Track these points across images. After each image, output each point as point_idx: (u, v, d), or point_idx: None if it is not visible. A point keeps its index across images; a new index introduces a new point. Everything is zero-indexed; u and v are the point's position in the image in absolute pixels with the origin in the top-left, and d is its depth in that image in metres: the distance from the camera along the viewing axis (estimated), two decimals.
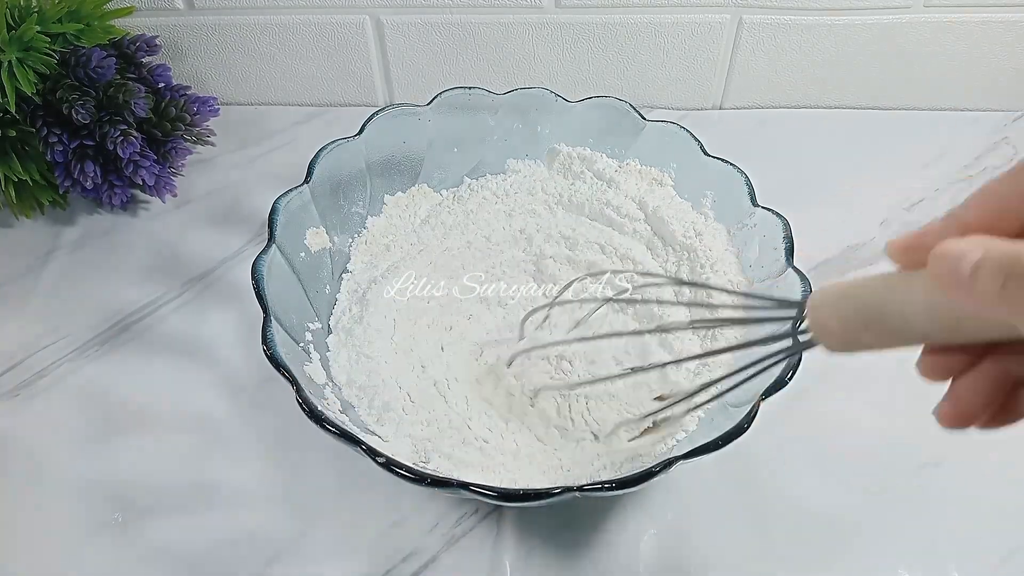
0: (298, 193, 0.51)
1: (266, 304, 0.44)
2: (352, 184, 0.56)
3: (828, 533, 0.46)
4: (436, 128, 0.58)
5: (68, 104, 0.57)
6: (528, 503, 0.40)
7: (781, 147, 0.69)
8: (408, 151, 0.58)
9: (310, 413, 0.40)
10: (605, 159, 0.59)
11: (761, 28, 0.68)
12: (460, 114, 0.58)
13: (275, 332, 0.43)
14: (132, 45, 0.62)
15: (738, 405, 0.42)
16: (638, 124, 0.58)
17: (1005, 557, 0.44)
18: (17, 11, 0.57)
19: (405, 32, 0.69)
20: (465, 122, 0.59)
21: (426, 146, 0.59)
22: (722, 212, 0.55)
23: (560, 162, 0.60)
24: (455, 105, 0.58)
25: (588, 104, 0.58)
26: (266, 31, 0.70)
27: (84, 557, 0.45)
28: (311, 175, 0.52)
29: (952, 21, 0.67)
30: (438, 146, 0.59)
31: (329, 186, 0.54)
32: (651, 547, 0.45)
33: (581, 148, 0.60)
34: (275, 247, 0.47)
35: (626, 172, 0.58)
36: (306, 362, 0.46)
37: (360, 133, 0.55)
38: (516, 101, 0.59)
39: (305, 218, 0.52)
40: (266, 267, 0.46)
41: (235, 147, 0.70)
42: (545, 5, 0.67)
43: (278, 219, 0.48)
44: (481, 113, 0.59)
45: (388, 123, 0.56)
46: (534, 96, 0.59)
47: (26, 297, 0.58)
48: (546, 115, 0.59)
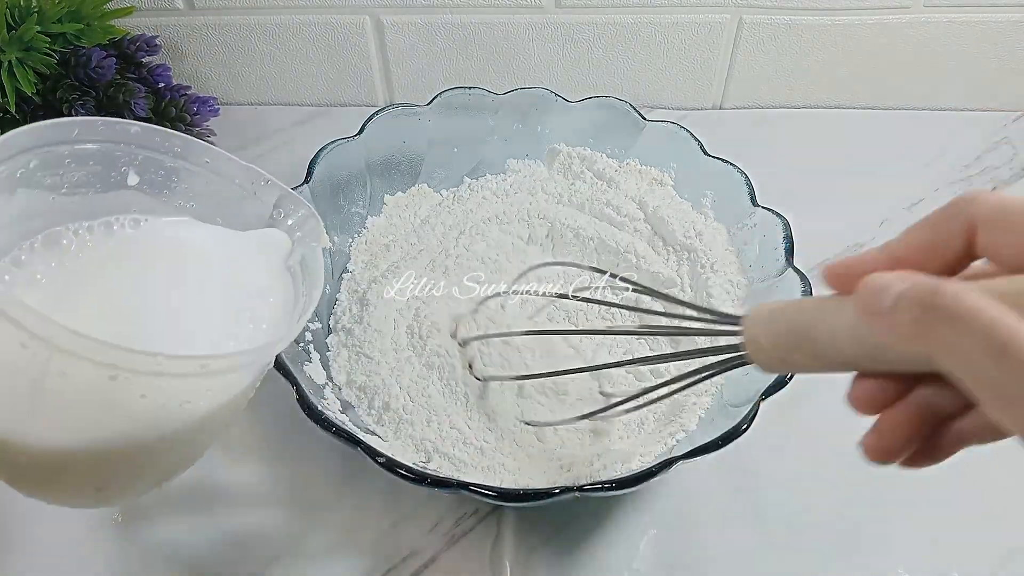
0: (298, 193, 0.50)
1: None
2: (352, 184, 0.56)
3: (828, 533, 0.46)
4: (436, 128, 0.58)
5: (68, 104, 0.57)
6: (528, 503, 0.40)
7: (781, 147, 0.69)
8: (408, 151, 0.58)
9: (310, 413, 0.40)
10: (605, 159, 0.59)
11: (761, 28, 0.68)
12: (460, 114, 0.58)
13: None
14: (132, 45, 0.62)
15: (738, 405, 0.42)
16: (638, 124, 0.58)
17: (1005, 557, 0.44)
18: (17, 11, 0.57)
19: (405, 32, 0.69)
20: (465, 122, 0.59)
21: (426, 146, 0.59)
22: (722, 212, 0.55)
23: (560, 162, 0.60)
24: (455, 105, 0.58)
25: (588, 104, 0.58)
26: (266, 31, 0.69)
27: (84, 557, 0.45)
28: (311, 175, 0.52)
29: (952, 21, 0.67)
30: (438, 146, 0.59)
31: (329, 186, 0.54)
32: (651, 547, 0.45)
33: (581, 148, 0.60)
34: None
35: (626, 172, 0.58)
36: (306, 362, 0.46)
37: (360, 133, 0.55)
38: (516, 101, 0.59)
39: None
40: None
41: (235, 147, 0.70)
42: (545, 5, 0.67)
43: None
44: (481, 113, 0.59)
45: (388, 123, 0.56)
46: (534, 96, 0.59)
47: None
48: (546, 115, 0.59)
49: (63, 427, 0.28)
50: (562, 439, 0.46)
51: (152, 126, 0.37)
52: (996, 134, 0.71)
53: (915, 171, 0.67)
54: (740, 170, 0.53)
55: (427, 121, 0.58)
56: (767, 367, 0.29)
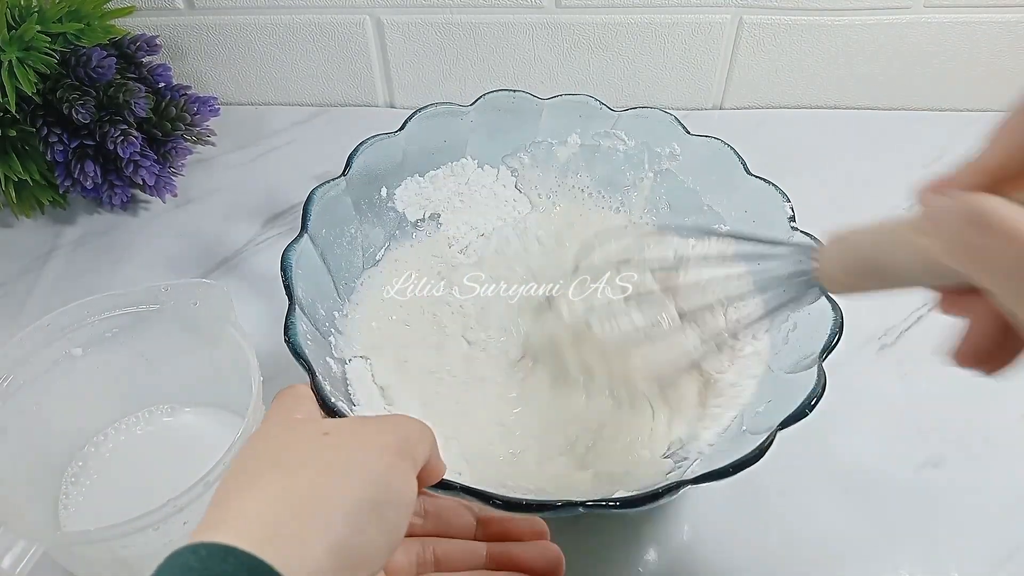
0: (334, 184, 0.50)
1: (292, 293, 0.44)
2: (389, 178, 0.55)
3: (828, 533, 0.46)
4: (477, 127, 0.57)
5: (68, 104, 0.57)
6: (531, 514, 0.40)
7: (781, 147, 0.69)
8: (449, 150, 0.57)
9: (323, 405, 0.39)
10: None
11: (761, 28, 0.68)
12: (503, 116, 0.57)
13: (298, 321, 0.43)
14: (132, 45, 0.62)
15: (756, 432, 0.41)
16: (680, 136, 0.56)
17: (1005, 557, 0.44)
18: (17, 11, 0.57)
19: (405, 32, 0.69)
20: (508, 123, 0.57)
21: (466, 147, 0.58)
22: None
23: None
24: (498, 107, 0.56)
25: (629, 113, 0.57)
26: (266, 31, 0.70)
27: None
28: (349, 167, 0.51)
29: (952, 21, 0.67)
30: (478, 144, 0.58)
31: (366, 178, 0.53)
32: (653, 552, 0.45)
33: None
34: (307, 237, 0.47)
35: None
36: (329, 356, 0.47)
37: (401, 129, 0.54)
38: (558, 106, 0.57)
39: (339, 210, 0.52)
40: (295, 256, 0.46)
41: (235, 147, 0.70)
42: (545, 5, 0.67)
43: (312, 209, 0.48)
44: (523, 116, 0.57)
45: (429, 121, 0.55)
46: (578, 103, 0.57)
47: (26, 297, 0.58)
48: (589, 121, 0.57)
49: None
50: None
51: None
52: None
53: (915, 171, 0.67)
54: (733, 149, 0.54)
55: (469, 121, 0.56)
56: (841, 292, 0.31)
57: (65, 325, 0.42)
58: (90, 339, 0.43)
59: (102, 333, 0.43)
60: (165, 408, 0.47)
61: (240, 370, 0.40)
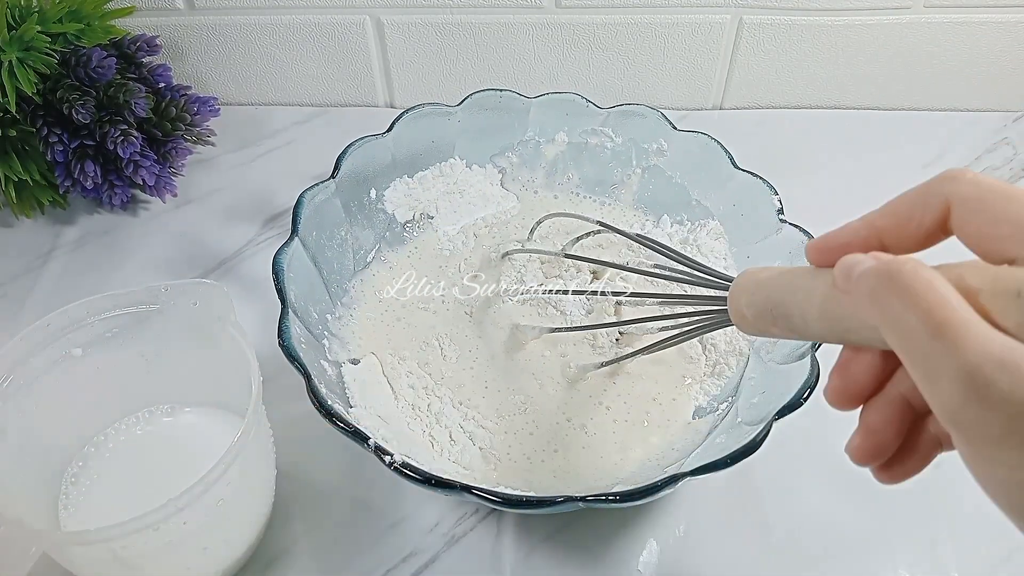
0: (323, 187, 0.50)
1: (284, 296, 0.44)
2: (379, 179, 0.55)
3: (828, 533, 0.46)
4: (465, 127, 0.57)
5: (68, 104, 0.57)
6: (531, 510, 0.40)
7: (781, 147, 0.69)
8: (436, 151, 0.58)
9: (320, 407, 0.39)
10: None
11: (761, 28, 0.68)
12: (490, 116, 0.57)
13: (291, 325, 0.43)
14: (132, 45, 0.62)
15: (751, 423, 0.41)
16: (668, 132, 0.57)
17: (1005, 557, 0.44)
18: (17, 11, 0.57)
19: (405, 32, 0.69)
20: (495, 122, 0.57)
21: (454, 148, 0.58)
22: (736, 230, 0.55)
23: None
24: (486, 107, 0.57)
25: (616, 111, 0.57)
26: (266, 31, 0.70)
27: None
28: (338, 170, 0.51)
29: (952, 21, 0.67)
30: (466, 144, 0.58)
31: (354, 181, 0.53)
32: (651, 547, 0.45)
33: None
34: (297, 240, 0.47)
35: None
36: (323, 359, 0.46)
37: (389, 131, 0.54)
38: (547, 104, 0.57)
39: (329, 212, 0.52)
40: (287, 260, 0.46)
41: (235, 147, 0.70)
42: (545, 5, 0.67)
43: (302, 212, 0.48)
44: (511, 115, 0.57)
45: (416, 122, 0.55)
46: (565, 100, 0.57)
47: (26, 297, 0.58)
48: (577, 119, 0.58)
49: None
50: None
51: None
52: (996, 134, 0.71)
53: (915, 171, 0.67)
54: (722, 145, 0.54)
55: (457, 121, 0.57)
56: (748, 333, 0.31)
57: (65, 325, 0.42)
58: (90, 339, 0.43)
59: (102, 333, 0.43)
60: (165, 408, 0.47)
61: (240, 370, 0.40)
